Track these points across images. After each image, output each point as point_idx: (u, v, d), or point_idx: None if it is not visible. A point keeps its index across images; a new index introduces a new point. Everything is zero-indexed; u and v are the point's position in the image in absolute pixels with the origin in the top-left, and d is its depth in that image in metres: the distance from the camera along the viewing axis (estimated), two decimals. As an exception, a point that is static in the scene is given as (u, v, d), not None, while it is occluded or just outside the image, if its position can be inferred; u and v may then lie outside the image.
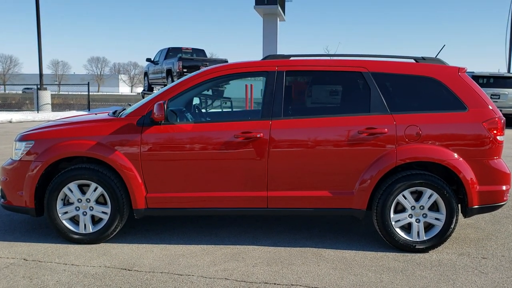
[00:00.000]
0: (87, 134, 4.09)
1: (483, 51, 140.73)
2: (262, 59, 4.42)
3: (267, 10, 18.53)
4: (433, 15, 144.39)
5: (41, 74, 21.04)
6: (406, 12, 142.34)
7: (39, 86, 21.05)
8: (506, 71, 22.86)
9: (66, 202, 4.13)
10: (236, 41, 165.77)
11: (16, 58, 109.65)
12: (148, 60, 20.14)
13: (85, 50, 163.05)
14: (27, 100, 31.48)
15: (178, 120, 4.17)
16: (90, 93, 24.79)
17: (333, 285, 3.35)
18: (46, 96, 21.18)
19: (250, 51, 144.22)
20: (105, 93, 68.60)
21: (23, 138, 4.25)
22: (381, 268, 3.67)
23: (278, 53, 4.52)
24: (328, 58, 4.55)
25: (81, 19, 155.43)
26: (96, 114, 5.24)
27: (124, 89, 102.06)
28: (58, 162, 4.14)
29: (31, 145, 4.14)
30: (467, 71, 4.27)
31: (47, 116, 18.14)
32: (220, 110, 11.27)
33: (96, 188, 4.05)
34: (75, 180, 4.04)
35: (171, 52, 18.57)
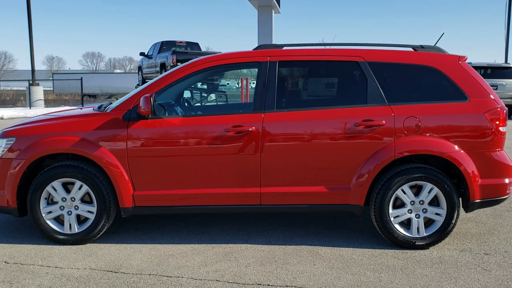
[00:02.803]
0: (71, 130, 3.91)
1: (479, 42, 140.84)
2: (254, 49, 4.23)
3: (261, 2, 18.19)
4: (430, 6, 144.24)
5: (33, 70, 20.73)
6: (403, 3, 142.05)
7: (31, 82, 20.73)
8: (504, 62, 22.67)
9: (50, 201, 3.94)
10: (231, 34, 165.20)
11: (11, 54, 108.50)
12: (141, 54, 19.86)
13: (80, 46, 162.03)
14: (21, 97, 31.17)
15: (166, 114, 4.00)
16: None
17: (330, 285, 3.19)
18: (38, 92, 20.85)
19: (245, 44, 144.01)
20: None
21: (4, 135, 4.06)
22: (379, 266, 3.51)
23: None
24: (323, 47, 4.37)
25: (76, 15, 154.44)
26: (81, 108, 5.04)
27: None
28: (41, 160, 3.96)
29: (12, 142, 3.95)
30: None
31: (39, 112, 17.83)
32: (215, 103, 11.05)
33: (81, 186, 3.87)
34: (59, 178, 3.86)
35: (165, 46, 18.33)
